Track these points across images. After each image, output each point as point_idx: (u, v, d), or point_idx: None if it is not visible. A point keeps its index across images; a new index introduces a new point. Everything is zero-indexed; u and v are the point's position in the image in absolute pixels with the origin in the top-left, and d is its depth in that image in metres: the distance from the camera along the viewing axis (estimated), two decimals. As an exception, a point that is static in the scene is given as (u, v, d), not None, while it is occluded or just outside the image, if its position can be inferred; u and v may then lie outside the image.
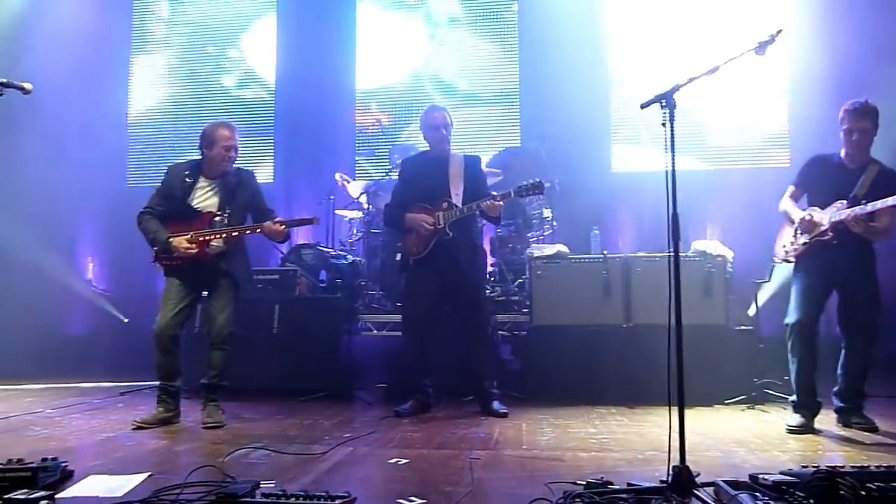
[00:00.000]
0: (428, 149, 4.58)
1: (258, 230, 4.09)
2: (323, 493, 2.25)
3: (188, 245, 4.00)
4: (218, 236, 4.07)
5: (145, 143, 8.35)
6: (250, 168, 4.48)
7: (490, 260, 5.75)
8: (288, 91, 8.16)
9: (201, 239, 4.04)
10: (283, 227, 4.06)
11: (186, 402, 4.43)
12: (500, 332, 5.41)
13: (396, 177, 6.76)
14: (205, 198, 4.16)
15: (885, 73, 6.34)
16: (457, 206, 4.30)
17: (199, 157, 4.21)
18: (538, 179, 4.18)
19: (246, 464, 3.00)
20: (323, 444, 3.40)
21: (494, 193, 4.28)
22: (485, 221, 4.75)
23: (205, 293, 4.26)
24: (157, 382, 4.12)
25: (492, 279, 5.79)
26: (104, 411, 4.58)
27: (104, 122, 8.20)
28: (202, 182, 4.17)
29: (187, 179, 4.14)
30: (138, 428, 3.87)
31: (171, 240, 4.02)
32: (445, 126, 4.45)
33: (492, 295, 5.53)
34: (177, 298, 4.09)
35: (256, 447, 3.31)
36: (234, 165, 4.29)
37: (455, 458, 3.12)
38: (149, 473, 2.75)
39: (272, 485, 2.54)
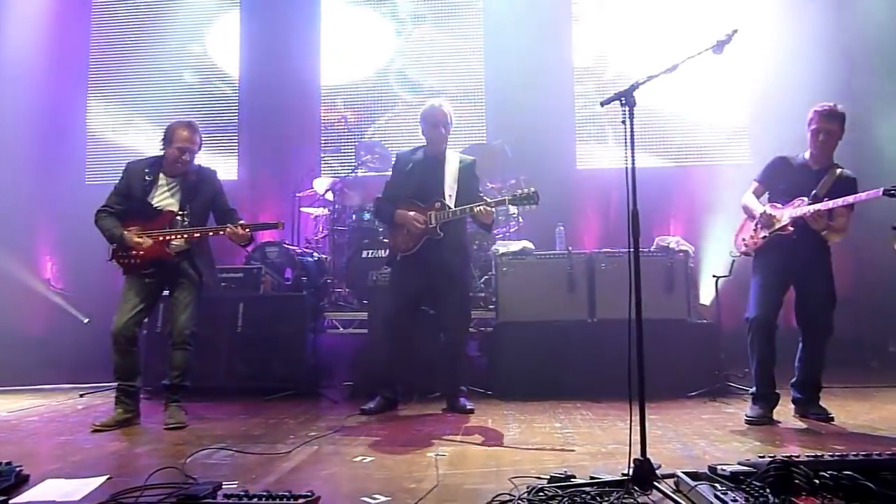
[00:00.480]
0: (424, 144, 4.48)
1: (221, 232, 4.03)
2: (286, 493, 2.22)
3: (140, 240, 3.92)
4: (179, 237, 4.01)
5: (105, 139, 8.18)
6: (214, 164, 4.40)
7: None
8: (252, 87, 8.07)
9: (161, 238, 3.97)
10: (247, 230, 4.00)
11: (148, 402, 4.37)
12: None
13: (363, 173, 6.79)
14: (165, 196, 4.08)
15: (844, 72, 6.53)
16: (449, 207, 4.23)
17: (161, 154, 4.12)
18: (534, 189, 4.10)
19: (208, 465, 2.96)
20: (287, 443, 3.37)
21: (488, 199, 4.19)
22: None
23: (166, 292, 4.18)
24: (115, 384, 4.03)
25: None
26: (63, 414, 4.48)
27: (63, 117, 8.01)
28: (162, 180, 4.09)
29: (147, 177, 4.05)
30: (97, 430, 3.78)
31: (125, 236, 3.93)
32: (445, 125, 4.37)
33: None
34: (136, 298, 4.01)
35: (219, 448, 3.27)
36: (197, 163, 4.22)
37: (421, 455, 3.12)
38: (108, 476, 2.70)
39: (234, 485, 2.52)
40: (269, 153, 7.89)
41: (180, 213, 4.05)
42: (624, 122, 2.60)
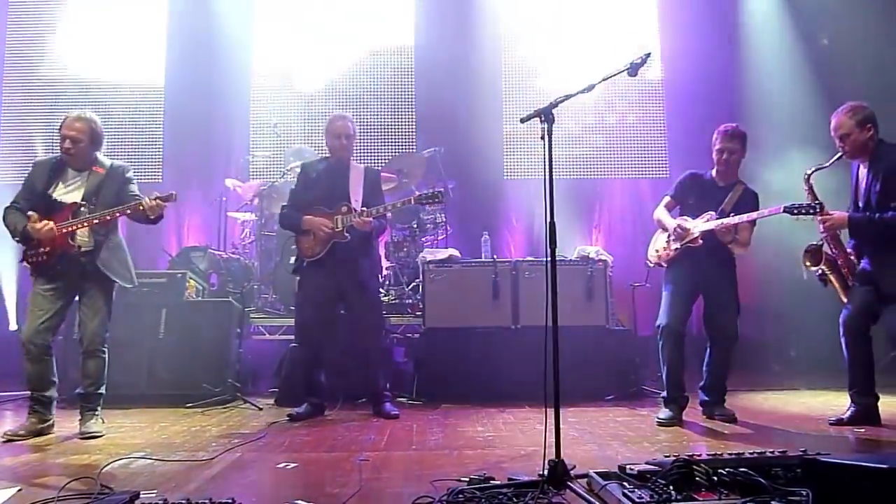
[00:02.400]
0: (328, 155, 4.58)
1: (121, 213, 3.88)
2: (206, 500, 2.22)
3: (40, 225, 3.76)
4: (82, 226, 3.85)
5: (19, 136, 7.79)
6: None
7: (385, 263, 5.83)
8: (179, 87, 7.84)
9: (65, 230, 3.81)
10: (156, 201, 3.81)
11: (63, 411, 4.22)
12: (394, 335, 5.48)
13: (291, 179, 6.74)
14: (68, 190, 3.95)
15: (752, 88, 6.96)
16: (356, 210, 4.32)
17: None
18: (439, 189, 4.28)
19: (125, 474, 2.90)
20: (209, 451, 3.33)
21: (395, 203, 4.35)
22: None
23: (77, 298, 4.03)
24: (28, 393, 3.89)
25: (386, 282, 5.86)
26: (-31, 424, 4.27)
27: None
28: (68, 174, 3.98)
29: (51, 171, 3.94)
30: (9, 440, 3.64)
31: (27, 227, 3.80)
32: (347, 136, 4.47)
33: (386, 298, 5.59)
34: (46, 305, 3.85)
35: (137, 456, 3.21)
36: (110, 160, 4.10)
37: (344, 460, 3.15)
38: (18, 488, 2.62)
39: (153, 494, 2.49)
40: (195, 155, 7.71)
41: (83, 203, 3.90)
42: (543, 137, 2.73)
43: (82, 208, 3.90)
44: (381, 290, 5.63)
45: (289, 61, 7.95)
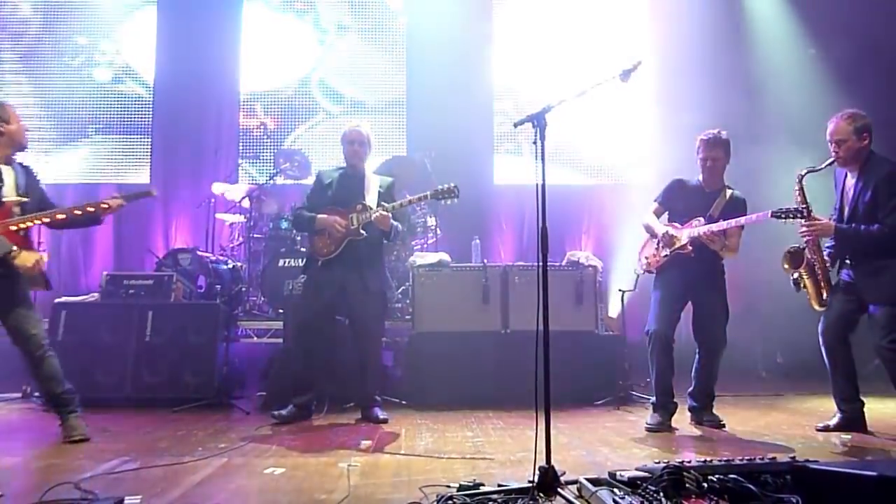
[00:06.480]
0: (344, 165, 4.56)
1: (83, 211, 3.71)
2: (191, 506, 2.20)
3: None
4: (36, 221, 3.66)
5: None
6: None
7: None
8: (168, 89, 7.80)
9: (13, 228, 3.58)
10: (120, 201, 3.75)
11: (45, 415, 4.16)
12: (383, 339, 5.44)
13: (282, 182, 6.74)
14: (5, 184, 3.67)
15: (742, 99, 7.00)
16: (370, 208, 4.28)
17: None
18: (454, 185, 4.24)
19: (110, 479, 2.86)
20: (195, 455, 3.29)
21: (409, 197, 4.36)
22: None
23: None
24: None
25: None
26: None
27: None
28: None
29: None
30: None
31: None
32: (360, 143, 4.46)
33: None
34: None
35: (122, 461, 3.16)
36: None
37: (332, 465, 3.13)
38: (0, 494, 2.57)
39: (137, 500, 2.46)
40: (183, 158, 7.67)
41: (25, 195, 3.70)
42: (535, 142, 2.72)
43: (18, 206, 3.66)
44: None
45: (278, 60, 7.92)
